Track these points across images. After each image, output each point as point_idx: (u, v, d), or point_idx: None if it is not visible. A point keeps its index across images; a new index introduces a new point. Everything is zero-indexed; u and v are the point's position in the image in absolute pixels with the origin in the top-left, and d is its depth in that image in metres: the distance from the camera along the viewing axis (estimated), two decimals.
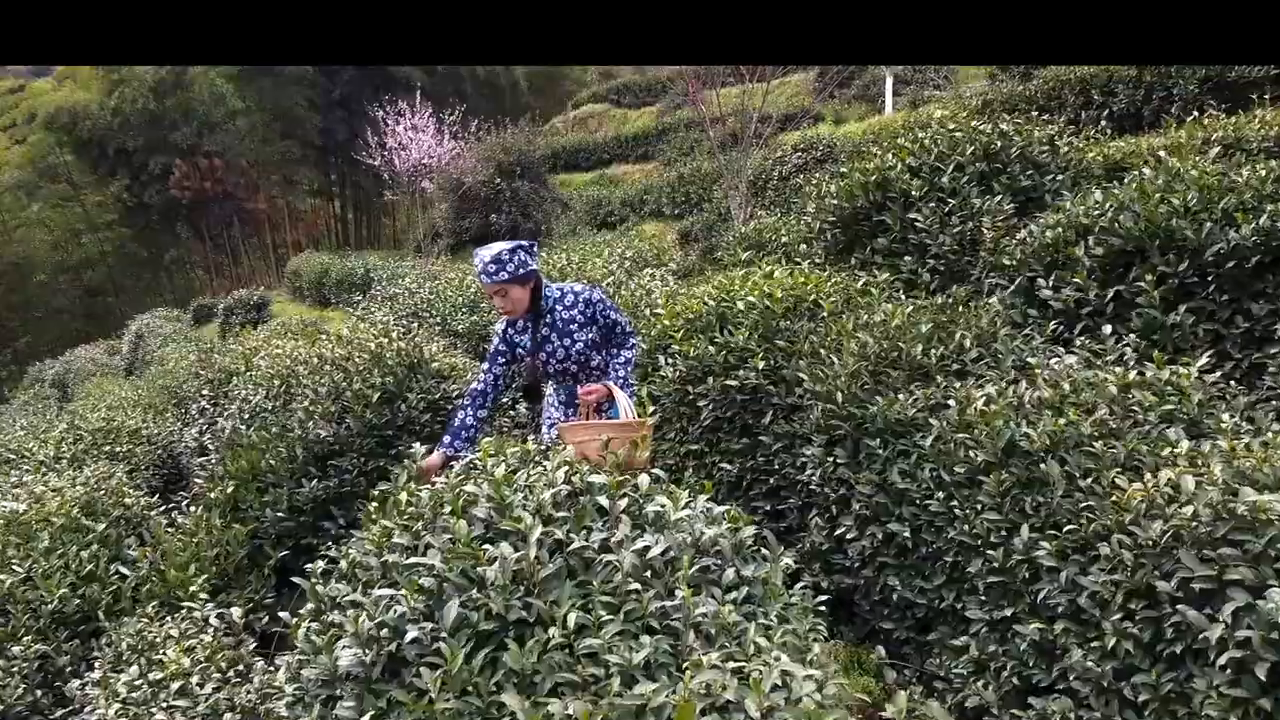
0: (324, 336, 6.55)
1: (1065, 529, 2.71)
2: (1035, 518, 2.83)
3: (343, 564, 3.11)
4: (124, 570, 4.96)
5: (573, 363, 3.47)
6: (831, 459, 3.50)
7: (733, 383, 4.04)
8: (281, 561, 4.93)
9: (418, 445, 3.64)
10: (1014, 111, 9.34)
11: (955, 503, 3.04)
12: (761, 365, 3.97)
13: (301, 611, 3.00)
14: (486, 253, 3.25)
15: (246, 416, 5.75)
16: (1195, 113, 9.26)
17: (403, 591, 2.58)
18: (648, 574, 2.54)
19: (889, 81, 19.12)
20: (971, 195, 5.09)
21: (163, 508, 6.33)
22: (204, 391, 8.52)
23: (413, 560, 2.69)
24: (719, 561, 2.72)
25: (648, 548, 2.50)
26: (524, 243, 3.33)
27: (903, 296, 4.37)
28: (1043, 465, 2.87)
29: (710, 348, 4.24)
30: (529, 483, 3.08)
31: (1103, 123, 6.56)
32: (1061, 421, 2.95)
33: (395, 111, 19.99)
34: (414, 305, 9.59)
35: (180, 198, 31.81)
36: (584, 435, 3.05)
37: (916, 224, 5.09)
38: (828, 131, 14.27)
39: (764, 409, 3.99)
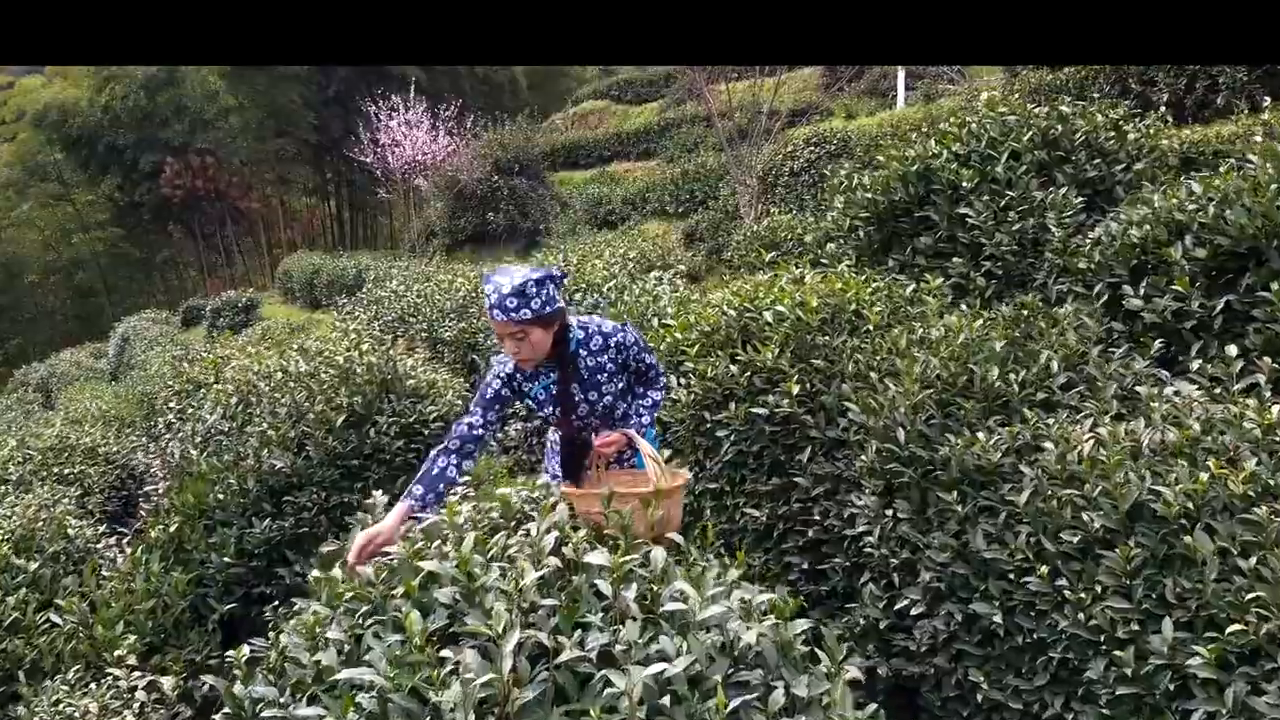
0: (294, 348, 5.85)
1: (1228, 630, 2.01)
2: (1181, 609, 2.13)
3: (272, 655, 2.42)
4: (55, 619, 4.26)
5: (595, 418, 2.75)
6: (890, 513, 2.80)
7: (760, 410, 3.34)
8: (230, 614, 4.23)
9: (378, 494, 2.95)
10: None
11: (1064, 581, 2.34)
12: (796, 390, 3.27)
13: (216, 718, 2.30)
14: (504, 282, 2.43)
15: (199, 440, 5.05)
16: (1244, 101, 8.60)
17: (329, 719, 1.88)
18: (665, 700, 1.83)
19: (901, 76, 18.41)
20: (1031, 187, 4.39)
21: (112, 539, 5.65)
22: (171, 404, 7.82)
23: (347, 672, 1.99)
24: (760, 671, 2.02)
25: (665, 668, 1.80)
26: (553, 272, 2.52)
27: (964, 306, 3.67)
28: (1187, 537, 2.17)
29: (732, 367, 3.54)
30: (509, 551, 2.38)
31: (1162, 109, 5.88)
32: (1204, 477, 2.25)
33: (389, 107, 19.29)
34: (400, 310, 8.89)
35: (172, 197, 31.13)
36: (600, 506, 2.38)
37: (968, 220, 4.39)
38: (840, 125, 13.58)
39: (799, 443, 3.29)
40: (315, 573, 2.64)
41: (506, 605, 2.01)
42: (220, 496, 4.37)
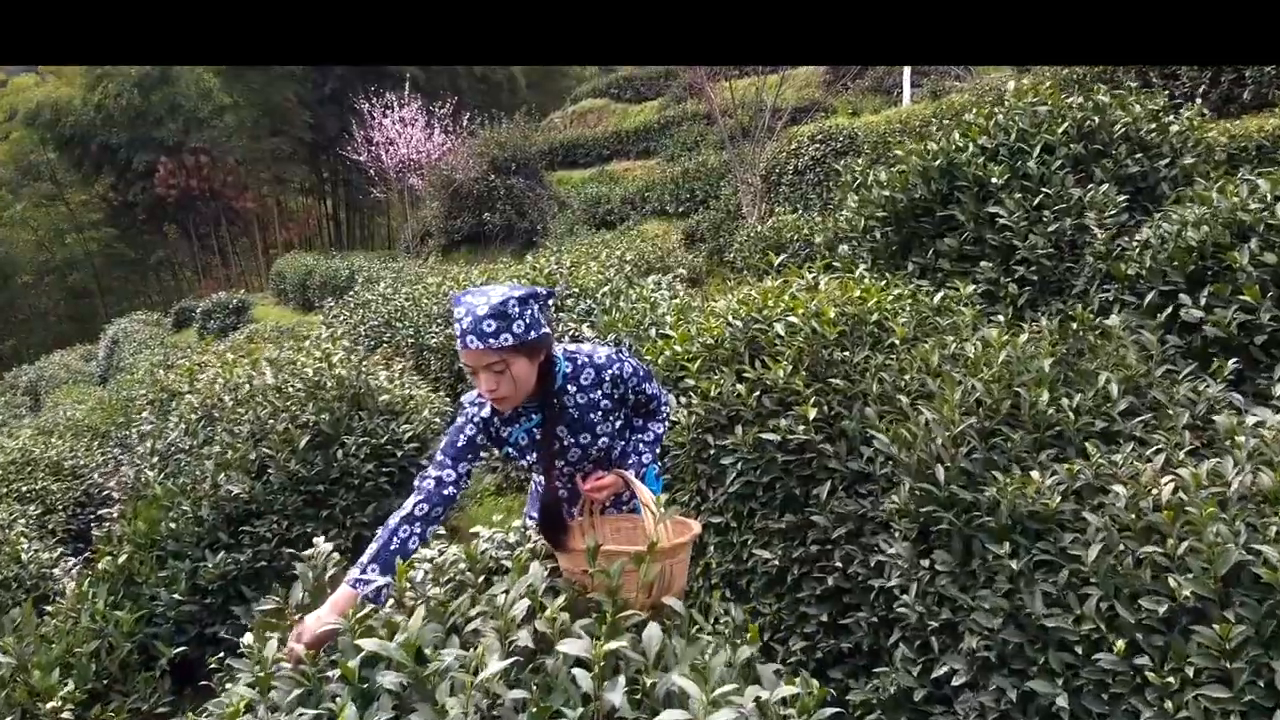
0: (265, 358, 5.44)
1: None
2: None
3: None
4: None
5: (590, 461, 2.33)
6: (928, 564, 2.38)
7: (770, 436, 2.93)
8: (182, 656, 3.82)
9: (320, 540, 2.54)
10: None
11: (1145, 659, 1.93)
12: (813, 414, 2.85)
13: None
14: (479, 303, 1.97)
15: (156, 460, 4.64)
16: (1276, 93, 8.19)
17: None
18: None
19: (906, 73, 17.99)
20: (1067, 184, 3.98)
21: (70, 563, 5.25)
22: (145, 413, 7.40)
23: None
24: None
25: None
26: (538, 289, 2.08)
27: (999, 317, 3.26)
28: None
29: (738, 386, 3.13)
30: (471, 623, 1.98)
31: (1197, 101, 5.48)
32: None
33: (383, 105, 18.87)
34: (387, 314, 8.48)
35: (166, 196, 30.74)
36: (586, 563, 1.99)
37: (998, 220, 3.98)
38: (846, 122, 13.15)
39: (816, 475, 2.88)
40: (248, 638, 2.24)
41: (463, 704, 1.61)
42: (172, 525, 3.96)
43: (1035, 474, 2.31)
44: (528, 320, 2.01)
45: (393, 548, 2.07)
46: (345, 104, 29.12)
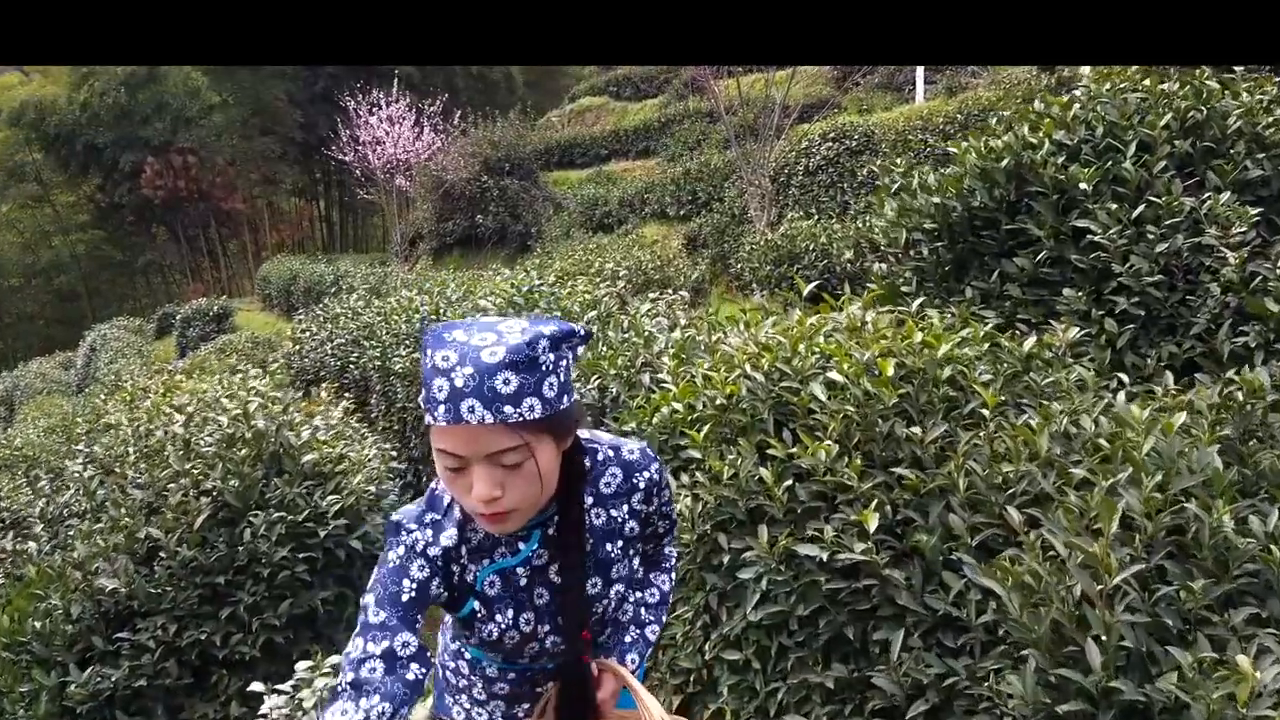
0: (183, 399, 4.58)
1: None
2: None
3: None
4: None
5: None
6: None
7: (809, 550, 2.07)
8: None
9: None
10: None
11: None
12: (874, 524, 1.99)
13: None
14: (485, 342, 1.07)
15: (40, 529, 3.79)
16: None
17: None
18: None
19: (919, 69, 17.12)
20: (1176, 191, 3.12)
21: None
22: (79, 446, 6.54)
23: None
24: None
25: None
26: (575, 327, 1.17)
27: (1123, 378, 2.40)
28: None
29: (761, 470, 2.28)
30: None
31: None
32: None
33: (370, 102, 18.03)
34: (354, 330, 7.62)
35: (153, 197, 29.89)
36: None
37: (1087, 236, 3.13)
38: (859, 120, 12.27)
39: (879, 609, 2.03)
40: None
41: None
42: (35, 625, 3.11)
43: (1243, 660, 1.45)
44: (562, 377, 1.14)
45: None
46: (336, 103, 28.27)
